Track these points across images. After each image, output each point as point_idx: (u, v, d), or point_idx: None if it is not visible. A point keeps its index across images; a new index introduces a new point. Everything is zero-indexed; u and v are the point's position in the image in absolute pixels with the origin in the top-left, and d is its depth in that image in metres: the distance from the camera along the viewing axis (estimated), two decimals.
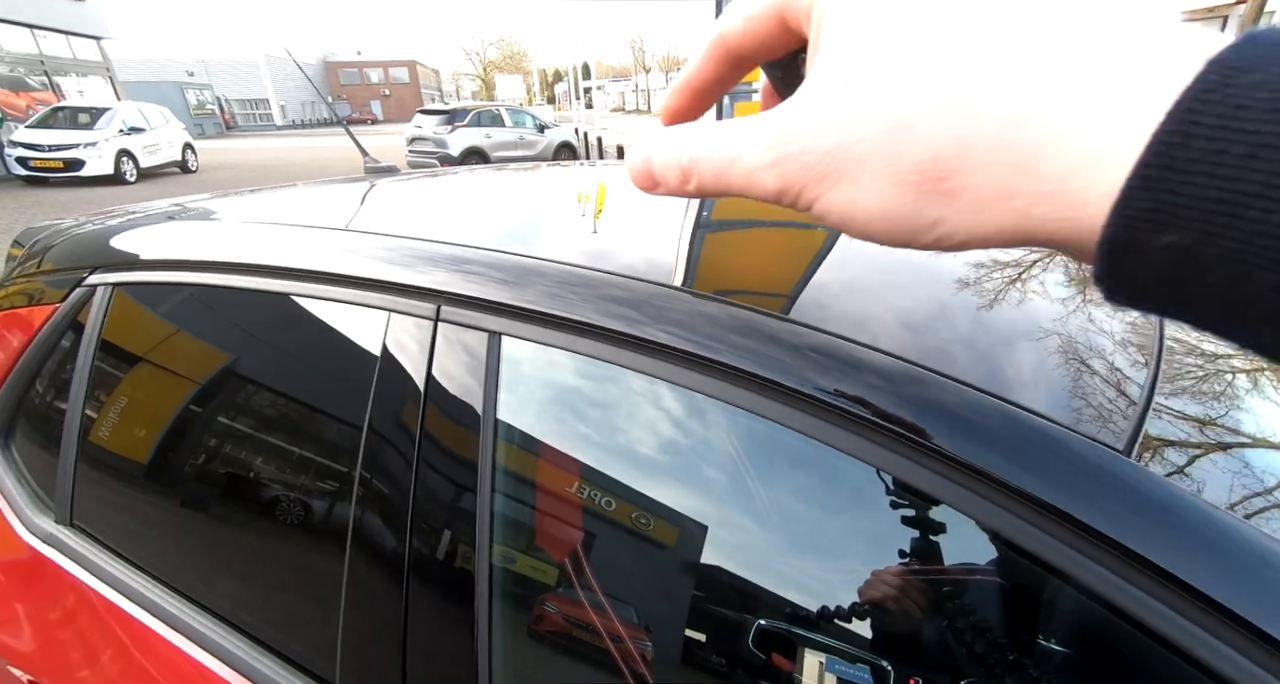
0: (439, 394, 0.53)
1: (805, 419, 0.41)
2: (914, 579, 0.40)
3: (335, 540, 0.58)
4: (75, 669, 0.69)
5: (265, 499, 0.67)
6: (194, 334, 0.76)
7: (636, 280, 0.51)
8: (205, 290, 0.72)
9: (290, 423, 0.67)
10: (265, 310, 0.68)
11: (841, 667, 0.41)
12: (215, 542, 0.71)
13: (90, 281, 0.81)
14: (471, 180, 1.13)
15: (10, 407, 0.85)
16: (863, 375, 0.41)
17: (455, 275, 0.56)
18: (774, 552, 0.45)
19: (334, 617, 0.56)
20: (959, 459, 0.37)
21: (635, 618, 0.49)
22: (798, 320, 0.45)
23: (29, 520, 0.78)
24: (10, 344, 0.86)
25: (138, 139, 11.06)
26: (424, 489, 0.53)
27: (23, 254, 1.00)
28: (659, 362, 0.46)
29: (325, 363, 0.65)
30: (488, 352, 0.52)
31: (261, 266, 0.68)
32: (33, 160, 9.87)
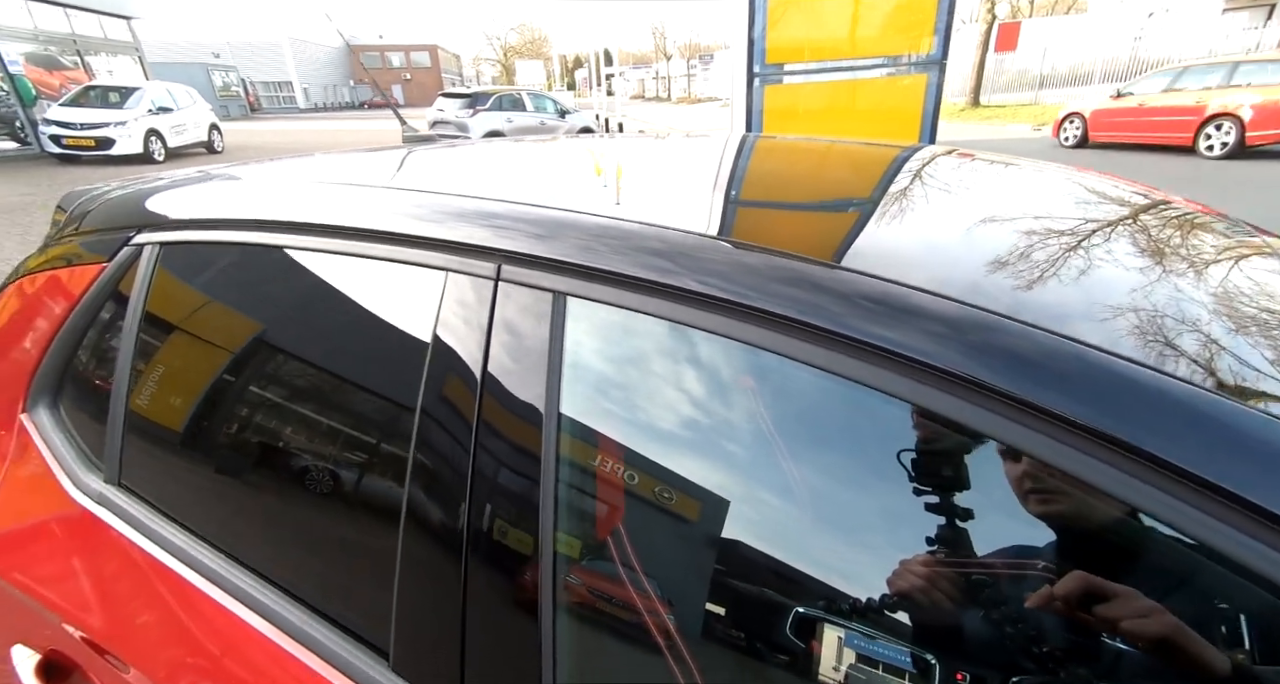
0: (500, 356, 0.52)
1: (887, 376, 0.39)
2: (1000, 559, 0.37)
3: (388, 509, 0.57)
4: (126, 627, 0.69)
5: (314, 464, 0.66)
6: (242, 294, 0.75)
7: (713, 239, 0.49)
8: (254, 249, 0.72)
9: (341, 386, 0.66)
10: (316, 270, 0.67)
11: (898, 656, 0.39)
12: (264, 505, 0.71)
13: (137, 241, 0.82)
14: (514, 148, 1.13)
15: (58, 366, 0.86)
16: (923, 323, 0.40)
17: (517, 233, 0.55)
18: (857, 523, 0.43)
19: (387, 584, 0.55)
20: (1035, 404, 0.35)
21: (717, 603, 0.45)
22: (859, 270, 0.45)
23: (79, 480, 0.78)
24: (57, 304, 0.87)
25: (166, 119, 11.20)
26: (484, 455, 0.51)
27: (67, 216, 1.02)
28: (738, 323, 0.44)
29: (378, 324, 0.63)
30: (553, 312, 0.51)
31: (312, 225, 0.68)
32: (65, 138, 10.05)
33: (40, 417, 0.84)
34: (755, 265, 0.46)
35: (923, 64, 3.62)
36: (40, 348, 0.86)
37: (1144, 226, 0.65)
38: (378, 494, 0.61)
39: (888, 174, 0.86)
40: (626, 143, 1.16)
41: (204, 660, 0.65)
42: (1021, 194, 0.79)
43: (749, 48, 3.72)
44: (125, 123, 10.30)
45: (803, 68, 3.72)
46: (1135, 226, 0.65)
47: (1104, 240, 0.58)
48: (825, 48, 3.68)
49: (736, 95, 3.90)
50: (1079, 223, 0.64)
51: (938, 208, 0.70)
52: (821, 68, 3.74)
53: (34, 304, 0.91)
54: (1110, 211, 0.70)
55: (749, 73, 3.83)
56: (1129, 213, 0.70)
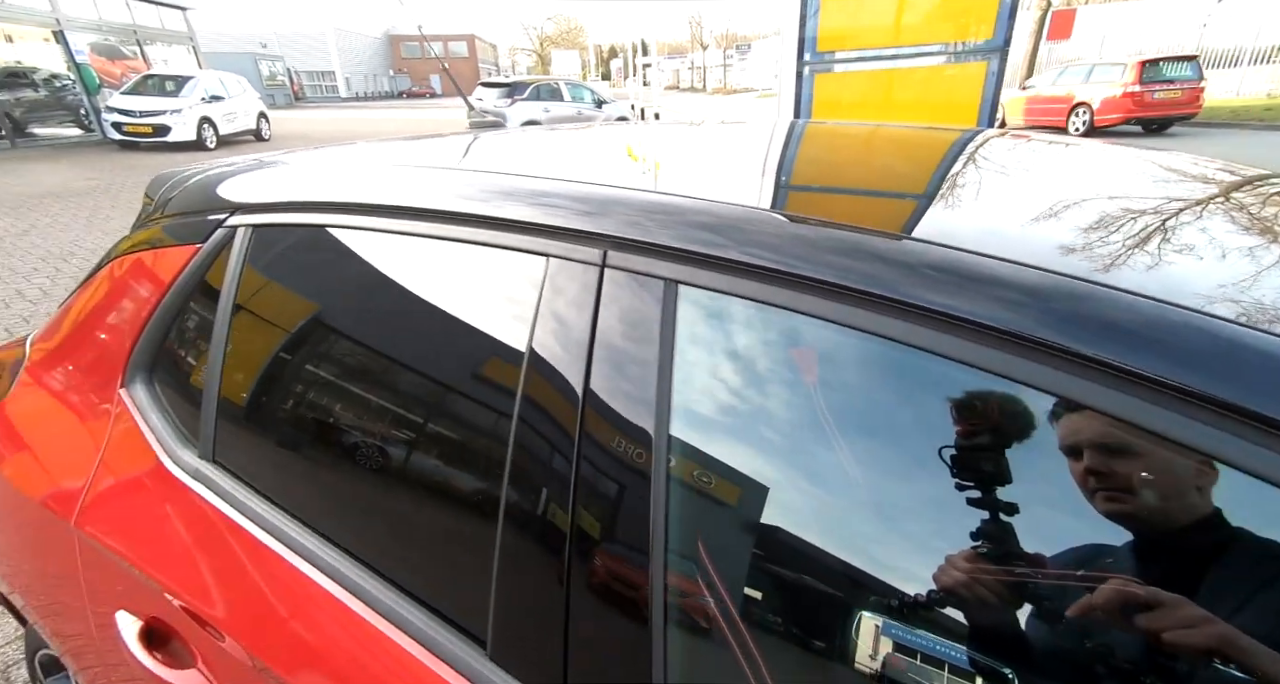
0: (606, 347, 0.51)
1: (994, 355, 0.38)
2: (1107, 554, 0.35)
3: (483, 499, 0.57)
4: (222, 599, 0.71)
5: (407, 450, 0.66)
6: (335, 278, 0.75)
7: (832, 227, 0.47)
8: (347, 233, 0.73)
9: (436, 373, 0.66)
10: (411, 255, 0.68)
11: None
12: (356, 487, 0.71)
13: (231, 223, 0.84)
14: (580, 133, 1.12)
15: (153, 344, 0.88)
16: (999, 290, 0.39)
17: (625, 219, 0.53)
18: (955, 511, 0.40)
19: (482, 572, 0.55)
20: (1139, 373, 0.34)
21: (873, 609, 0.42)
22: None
23: (175, 454, 0.80)
24: (152, 284, 0.90)
25: (218, 107, 11.59)
26: (590, 447, 0.50)
27: (159, 197, 1.05)
28: (869, 313, 0.42)
29: (476, 310, 0.62)
30: (664, 301, 0.49)
31: (407, 209, 0.68)
32: (126, 125, 10.50)
33: (137, 392, 0.87)
34: (889, 251, 0.44)
35: (983, 51, 3.47)
36: (136, 326, 0.89)
37: (1238, 202, 0.61)
38: (473, 483, 0.61)
39: (957, 153, 0.83)
40: (683, 130, 1.13)
41: (296, 635, 0.66)
42: (1094, 170, 0.75)
43: (800, 33, 3.62)
44: (180, 110, 10.71)
45: (856, 55, 3.61)
46: (1229, 201, 0.61)
47: (1198, 214, 0.55)
48: (879, 34, 3.56)
49: (785, 85, 3.81)
50: (1167, 199, 0.60)
51: (1010, 184, 0.67)
52: (876, 55, 3.62)
53: (129, 284, 0.94)
54: (1198, 188, 0.66)
55: (799, 61, 3.74)
56: (1220, 189, 0.65)
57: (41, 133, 11.71)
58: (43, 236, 5.29)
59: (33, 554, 0.95)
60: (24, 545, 0.97)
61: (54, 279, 4.25)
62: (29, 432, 0.96)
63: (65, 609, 0.89)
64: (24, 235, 5.31)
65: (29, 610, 1.00)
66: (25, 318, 3.59)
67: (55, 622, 0.92)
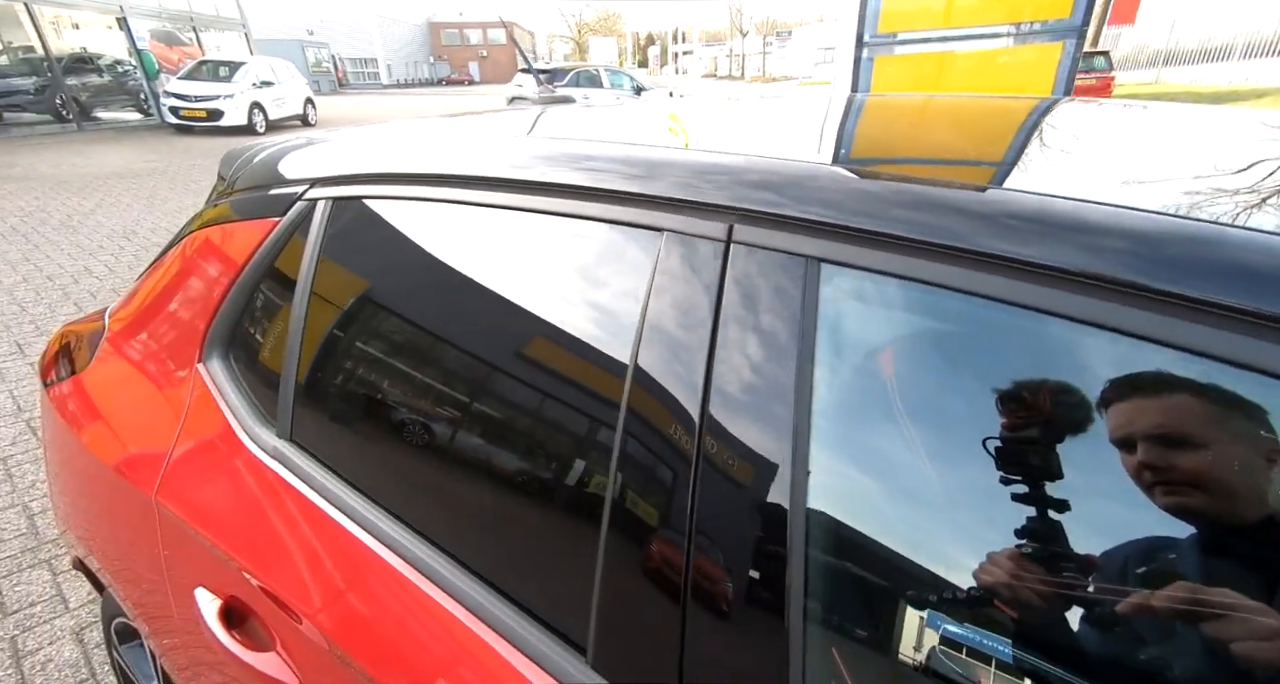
0: (732, 334, 0.45)
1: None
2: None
3: (585, 496, 0.53)
4: (300, 581, 0.69)
5: (498, 440, 0.62)
6: (420, 254, 0.71)
7: (1012, 191, 0.40)
8: (435, 206, 0.70)
9: (532, 359, 0.61)
10: (504, 230, 0.63)
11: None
12: (441, 477, 0.67)
13: (310, 196, 0.82)
14: (656, 107, 1.06)
15: (231, 320, 0.87)
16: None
17: (754, 188, 0.48)
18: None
19: (581, 575, 0.51)
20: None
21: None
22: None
23: (253, 432, 0.79)
24: (229, 259, 0.89)
25: (267, 92, 11.88)
26: (715, 444, 0.45)
27: (232, 172, 1.04)
28: (1053, 291, 0.35)
29: (577, 289, 0.58)
30: (805, 282, 0.44)
31: (502, 180, 0.64)
32: (182, 109, 10.87)
33: (215, 368, 0.86)
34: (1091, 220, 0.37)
35: (1058, 31, 3.25)
36: (212, 302, 0.88)
37: None
38: (572, 480, 0.56)
39: (1041, 115, 0.75)
40: (740, 104, 1.05)
41: (376, 625, 0.64)
42: (1195, 130, 0.68)
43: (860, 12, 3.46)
44: (233, 95, 11.02)
45: (920, 36, 3.44)
46: None
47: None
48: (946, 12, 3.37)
49: (840, 69, 3.66)
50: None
51: (1102, 143, 0.61)
52: (942, 36, 3.44)
53: (205, 260, 0.93)
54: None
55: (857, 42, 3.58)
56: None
57: (105, 117, 12.22)
58: (107, 215, 5.51)
59: (112, 523, 0.96)
60: (104, 514, 0.98)
61: (118, 256, 4.42)
62: (109, 402, 0.97)
63: (143, 580, 0.89)
64: (90, 214, 5.54)
65: (105, 574, 1.01)
66: (93, 293, 3.74)
67: (133, 591, 0.92)
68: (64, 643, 1.55)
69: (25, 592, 1.69)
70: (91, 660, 1.50)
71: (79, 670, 1.48)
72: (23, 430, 2.40)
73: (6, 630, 1.58)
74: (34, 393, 2.66)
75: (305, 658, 0.67)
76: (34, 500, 2.03)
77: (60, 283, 3.89)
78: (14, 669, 1.48)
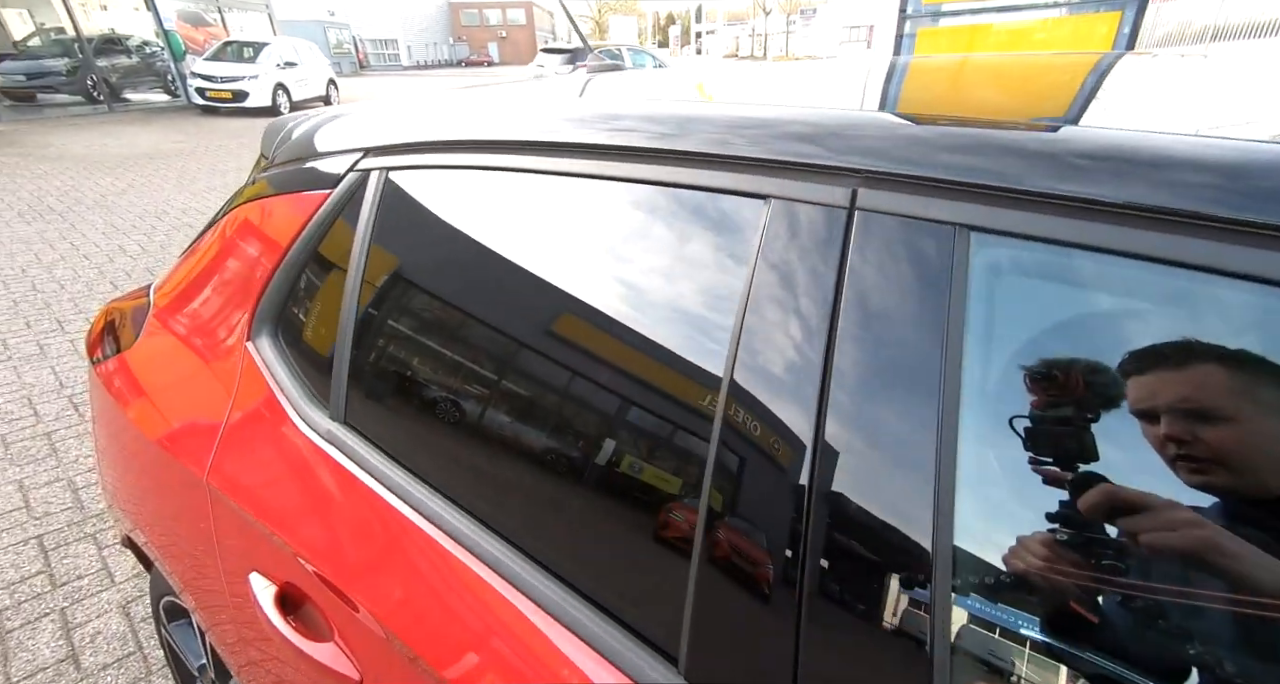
0: (855, 315, 0.40)
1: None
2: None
3: (677, 494, 0.49)
4: (358, 569, 0.66)
5: (575, 429, 0.58)
6: (486, 227, 0.66)
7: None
8: (502, 175, 0.64)
9: (609, 341, 0.55)
10: (578, 200, 0.58)
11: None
12: (508, 464, 0.63)
13: (362, 167, 0.78)
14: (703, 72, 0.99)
15: (280, 297, 0.84)
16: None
17: (882, 147, 0.42)
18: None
19: (670, 576, 0.47)
20: None
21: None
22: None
23: (306, 414, 0.76)
24: (276, 234, 0.85)
25: (291, 73, 11.90)
26: (834, 444, 0.40)
27: (276, 143, 1.00)
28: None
29: (665, 269, 0.52)
30: (952, 253, 0.38)
31: (577, 146, 0.59)
32: (208, 90, 10.94)
33: (264, 347, 0.83)
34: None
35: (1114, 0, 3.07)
36: (261, 279, 0.84)
37: None
38: (662, 473, 0.52)
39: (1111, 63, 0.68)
40: (778, 68, 0.97)
41: (438, 618, 0.61)
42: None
43: None
44: (258, 76, 11.05)
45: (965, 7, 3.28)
46: None
47: None
48: None
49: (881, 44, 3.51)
50: None
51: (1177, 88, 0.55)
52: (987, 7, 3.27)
53: (252, 235, 0.90)
54: None
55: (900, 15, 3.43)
56: None
57: (134, 98, 12.37)
58: (139, 195, 5.58)
59: (162, 502, 0.95)
60: (154, 492, 0.96)
61: (150, 236, 4.47)
62: (157, 381, 0.95)
63: (195, 561, 0.88)
64: (123, 194, 5.62)
65: (153, 552, 1.01)
66: (127, 272, 3.79)
67: (184, 571, 0.91)
68: (111, 616, 1.57)
69: (73, 565, 1.72)
70: (138, 634, 1.52)
71: (126, 643, 1.50)
72: (65, 406, 2.44)
73: (56, 602, 1.61)
74: (74, 369, 2.71)
75: (365, 649, 0.65)
76: (78, 475, 2.07)
77: (96, 261, 3.95)
78: (65, 640, 1.51)
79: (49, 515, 1.90)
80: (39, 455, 2.16)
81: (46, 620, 1.56)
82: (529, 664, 0.53)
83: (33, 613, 1.58)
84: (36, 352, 2.84)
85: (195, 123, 10.19)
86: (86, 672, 1.43)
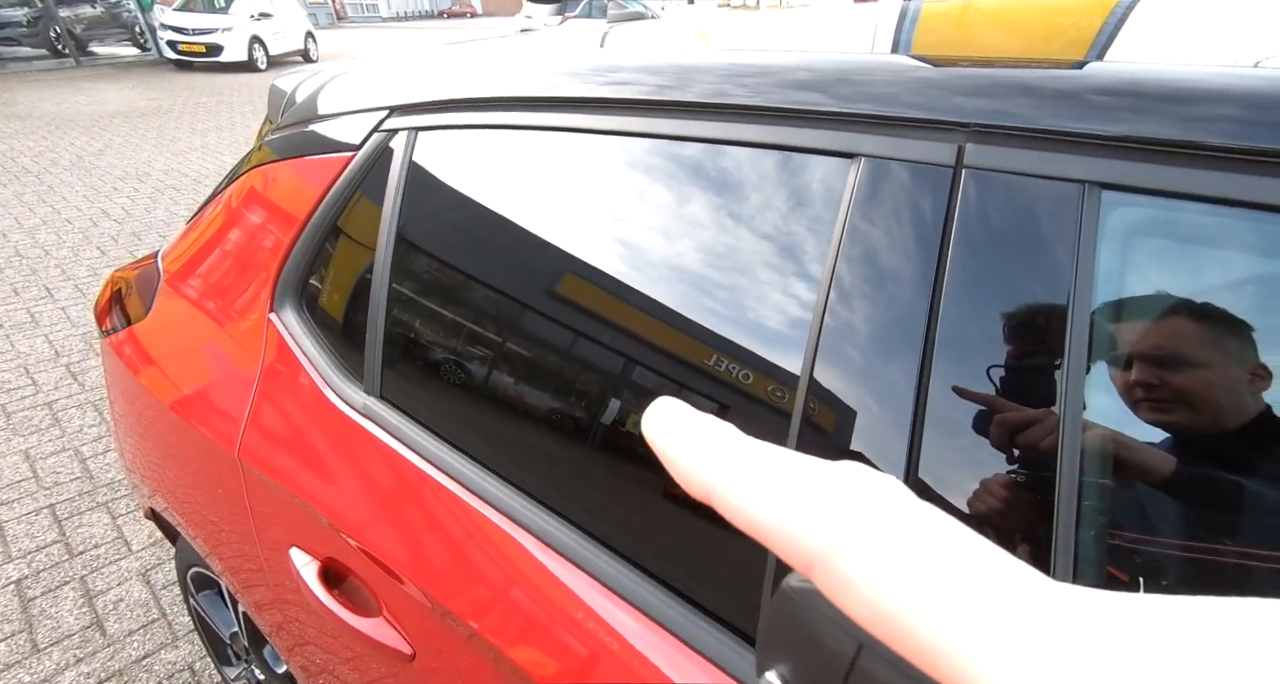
0: (962, 291, 0.37)
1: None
2: None
3: None
4: (402, 543, 0.65)
5: (632, 405, 0.55)
6: (530, 190, 0.62)
7: None
8: (547, 135, 0.60)
9: (666, 311, 0.52)
10: (634, 161, 0.55)
11: None
12: (560, 440, 0.61)
13: (389, 126, 0.73)
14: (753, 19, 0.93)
15: (304, 265, 0.79)
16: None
17: (996, 97, 0.38)
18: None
19: (749, 557, 0.45)
20: None
21: None
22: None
23: (339, 389, 0.73)
24: (297, 199, 0.80)
25: (267, 25, 11.30)
26: (947, 420, 0.37)
27: (283, 104, 0.94)
28: None
29: (733, 234, 0.48)
30: (1081, 214, 0.34)
31: (625, 101, 0.55)
32: (180, 44, 10.39)
33: (289, 319, 0.80)
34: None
35: None
36: (283, 247, 0.80)
37: None
38: None
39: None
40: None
41: (490, 590, 0.60)
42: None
43: None
44: (231, 28, 10.48)
45: None
46: None
47: None
48: None
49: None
50: None
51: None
52: None
53: (269, 200, 0.85)
54: None
55: None
56: None
57: (101, 51, 11.74)
58: (117, 156, 5.36)
59: (191, 477, 0.93)
60: (181, 467, 0.95)
61: (133, 199, 4.32)
62: (176, 352, 0.92)
63: (228, 536, 0.87)
64: (100, 155, 5.40)
65: (181, 525, 1.00)
66: (113, 237, 3.67)
67: (216, 546, 0.91)
68: (132, 583, 1.58)
69: (88, 533, 1.72)
70: (160, 601, 1.54)
71: (150, 610, 1.52)
72: (63, 375, 2.40)
73: (76, 570, 1.61)
74: (68, 337, 2.65)
75: (415, 624, 0.65)
76: (84, 445, 2.05)
77: (79, 226, 3.82)
78: (88, 607, 1.52)
79: (58, 485, 1.89)
80: (42, 425, 2.13)
81: (68, 588, 1.56)
82: (595, 647, 0.53)
83: (53, 581, 1.58)
84: (28, 320, 2.77)
85: (169, 79, 9.72)
86: (113, 637, 1.45)
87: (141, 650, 1.43)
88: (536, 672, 0.54)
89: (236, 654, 1.19)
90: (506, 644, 0.57)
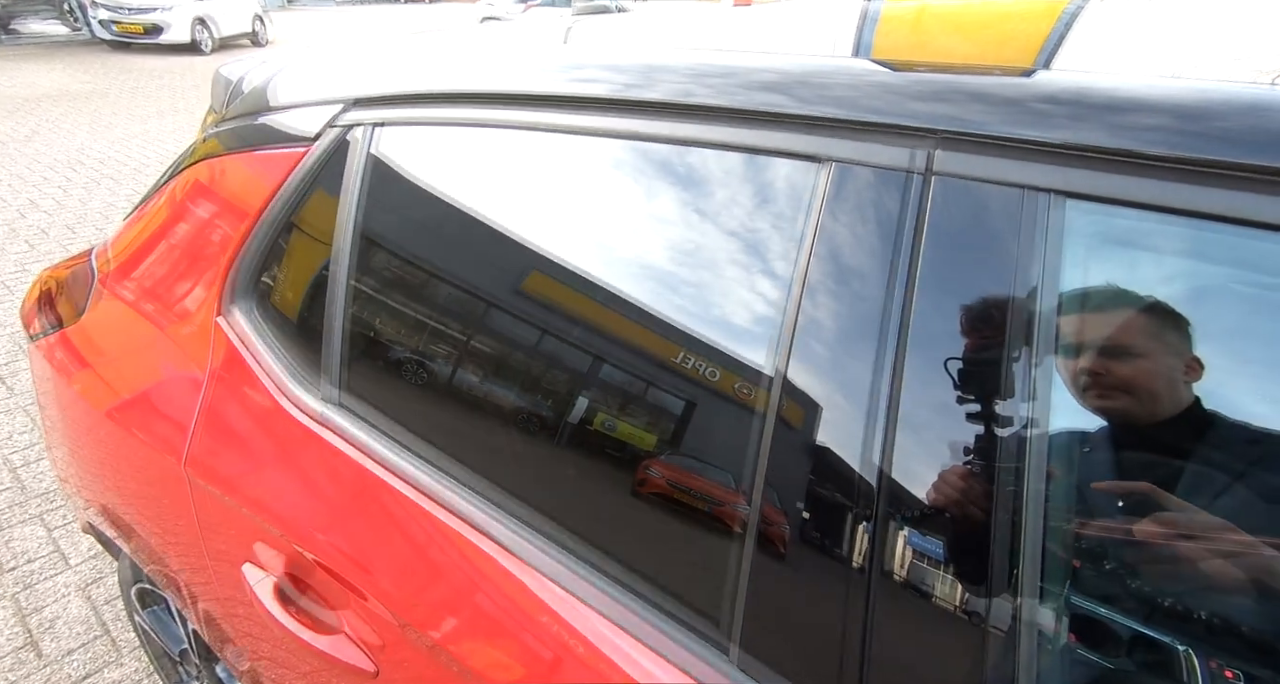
0: (931, 298, 0.38)
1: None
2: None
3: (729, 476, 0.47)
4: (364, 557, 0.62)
5: (603, 406, 0.54)
6: (494, 186, 0.60)
7: None
8: (512, 133, 0.58)
9: (637, 312, 0.51)
10: (602, 161, 0.54)
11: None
12: (526, 436, 0.59)
13: (347, 120, 0.69)
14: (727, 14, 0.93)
15: (255, 266, 0.75)
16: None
17: (967, 103, 0.38)
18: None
19: (721, 559, 0.45)
20: None
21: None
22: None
23: (293, 395, 0.70)
24: (247, 195, 0.76)
25: (212, 5, 10.71)
26: (909, 436, 0.38)
27: (228, 94, 0.89)
28: None
29: (705, 241, 0.48)
30: (1038, 219, 0.35)
31: (595, 100, 0.53)
32: (116, 24, 9.77)
33: (238, 322, 0.76)
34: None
35: None
36: (232, 247, 0.76)
37: None
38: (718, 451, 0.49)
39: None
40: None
41: (455, 603, 0.58)
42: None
43: None
44: (172, 8, 9.90)
45: None
46: None
47: None
48: None
49: None
50: None
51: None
52: None
53: (217, 195, 0.80)
54: None
55: None
56: None
57: (25, 30, 10.93)
58: (47, 143, 5.01)
59: (131, 490, 0.87)
60: (121, 480, 0.89)
61: (65, 189, 4.05)
62: (114, 359, 0.86)
63: (175, 552, 0.82)
64: (28, 141, 5.04)
65: (122, 541, 0.94)
66: (43, 229, 3.44)
67: (162, 561, 0.86)
68: (70, 599, 1.49)
69: (21, 547, 1.61)
70: (102, 617, 1.45)
71: (90, 627, 1.43)
72: None
73: (6, 588, 1.51)
74: None
75: (378, 641, 0.62)
76: (14, 453, 1.92)
77: (4, 217, 3.56)
78: (20, 626, 1.42)
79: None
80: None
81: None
82: (562, 654, 0.52)
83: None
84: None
85: (104, 60, 9.13)
86: (49, 658, 1.36)
87: (83, 670, 1.35)
88: (502, 677, 0.53)
89: (187, 672, 1.13)
90: (470, 653, 0.55)
